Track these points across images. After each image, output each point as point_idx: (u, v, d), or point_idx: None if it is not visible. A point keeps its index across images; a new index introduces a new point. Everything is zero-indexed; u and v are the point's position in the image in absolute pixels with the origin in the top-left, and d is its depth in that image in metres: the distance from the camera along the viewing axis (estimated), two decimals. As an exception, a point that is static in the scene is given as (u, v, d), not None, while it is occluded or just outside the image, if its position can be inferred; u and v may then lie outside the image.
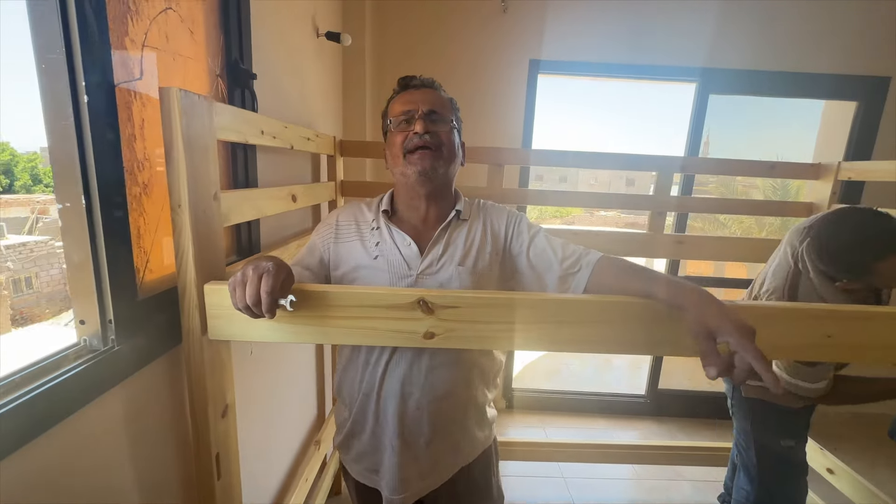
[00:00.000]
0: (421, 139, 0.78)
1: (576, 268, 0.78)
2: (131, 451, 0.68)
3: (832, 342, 0.74)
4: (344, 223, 0.87)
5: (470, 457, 0.88)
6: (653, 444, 1.94)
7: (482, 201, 0.92)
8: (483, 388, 0.88)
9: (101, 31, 0.57)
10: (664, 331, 0.73)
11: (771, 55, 2.07)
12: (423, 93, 0.84)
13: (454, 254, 0.81)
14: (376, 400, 0.82)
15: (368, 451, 0.85)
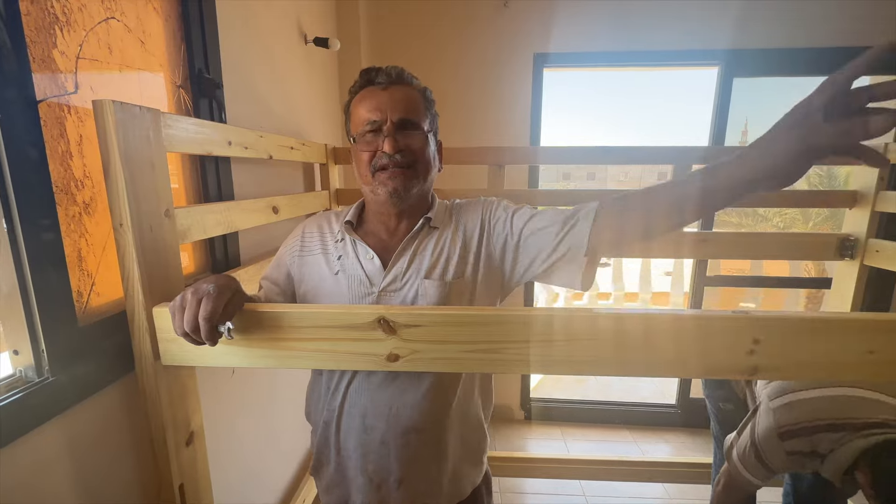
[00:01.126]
0: (391, 160, 0.69)
1: (573, 220, 0.65)
2: (81, 482, 0.65)
3: (876, 358, 0.61)
4: (309, 235, 0.79)
5: (457, 497, 0.78)
6: (685, 461, 1.78)
7: (456, 202, 0.81)
8: (467, 420, 0.78)
9: (15, 45, 0.53)
10: (664, 348, 0.63)
11: (801, 30, 1.88)
12: (390, 93, 0.71)
13: (420, 266, 0.71)
14: (335, 431, 0.74)
15: (335, 483, 0.77)
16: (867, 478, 0.93)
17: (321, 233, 0.79)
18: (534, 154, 1.62)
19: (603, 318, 0.64)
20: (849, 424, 0.97)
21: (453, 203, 0.81)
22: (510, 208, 0.74)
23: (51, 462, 0.60)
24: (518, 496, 1.84)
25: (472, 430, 0.78)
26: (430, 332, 0.64)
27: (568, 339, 0.64)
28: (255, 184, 1.14)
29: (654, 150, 1.53)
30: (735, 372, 0.64)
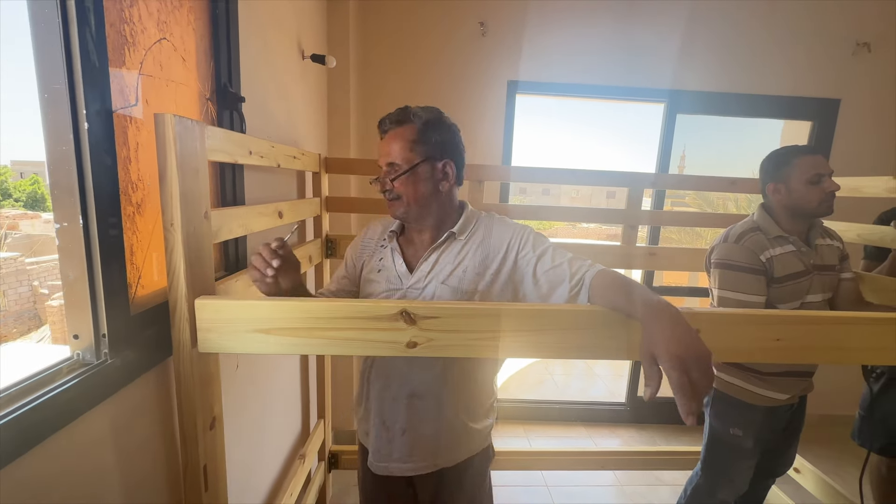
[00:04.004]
0: (386, 195, 0.89)
1: (579, 286, 0.82)
2: (122, 462, 0.70)
3: (782, 345, 0.81)
4: (370, 235, 1.00)
5: (452, 459, 0.93)
6: (633, 450, 2.00)
7: (493, 216, 0.95)
8: (468, 388, 0.93)
9: (101, 62, 0.61)
10: (624, 337, 0.79)
11: (732, 78, 2.22)
12: (386, 142, 0.90)
13: (440, 272, 0.87)
14: (367, 385, 0.95)
15: (363, 419, 0.99)
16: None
17: (376, 237, 0.98)
18: (512, 172, 1.79)
19: (584, 312, 0.80)
20: None
21: (487, 217, 0.96)
22: (538, 248, 0.87)
23: (105, 440, 0.65)
24: (486, 489, 1.97)
25: (474, 395, 0.94)
26: (445, 323, 0.77)
27: (558, 329, 0.78)
28: (259, 190, 1.21)
29: (610, 174, 1.75)
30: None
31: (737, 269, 1.27)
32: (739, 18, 2.15)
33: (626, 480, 2.06)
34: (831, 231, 1.37)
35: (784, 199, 1.28)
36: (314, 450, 1.64)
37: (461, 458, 0.95)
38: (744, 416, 1.35)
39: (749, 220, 1.34)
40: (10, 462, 0.51)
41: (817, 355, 0.82)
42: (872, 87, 2.22)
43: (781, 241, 1.27)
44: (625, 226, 1.75)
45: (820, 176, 1.22)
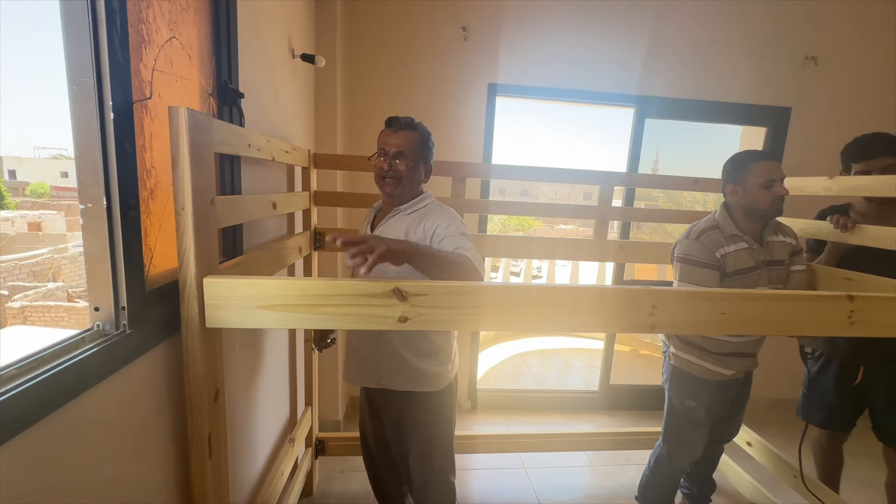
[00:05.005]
0: (386, 174, 1.16)
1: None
2: (138, 424, 0.76)
3: (725, 318, 0.93)
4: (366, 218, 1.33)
5: (397, 385, 1.22)
6: (604, 432, 2.13)
7: (440, 206, 1.22)
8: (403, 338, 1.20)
9: (124, 58, 0.67)
10: (593, 312, 0.90)
11: (695, 86, 2.39)
12: (398, 136, 1.16)
13: (388, 234, 1.15)
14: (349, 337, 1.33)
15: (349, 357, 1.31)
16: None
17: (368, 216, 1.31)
18: (492, 170, 1.89)
19: (559, 290, 0.90)
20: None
21: (437, 205, 1.21)
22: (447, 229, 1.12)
23: (125, 403, 0.72)
24: (467, 472, 2.07)
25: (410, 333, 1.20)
26: (433, 300, 0.86)
27: (531, 306, 0.88)
28: (253, 182, 1.27)
29: (582, 172, 1.87)
30: (640, 327, 0.93)
31: (694, 264, 1.41)
32: (701, 32, 2.32)
33: (599, 461, 2.19)
34: (786, 228, 1.52)
35: (741, 199, 1.42)
36: (302, 435, 1.70)
37: (406, 388, 1.22)
38: (697, 389, 1.50)
39: (711, 217, 1.48)
40: (48, 415, 0.57)
41: (753, 327, 0.95)
42: (819, 97, 2.43)
43: (736, 240, 1.41)
44: (597, 221, 1.88)
45: (772, 181, 1.37)
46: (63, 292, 7.66)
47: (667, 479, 1.65)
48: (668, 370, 1.59)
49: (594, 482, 2.07)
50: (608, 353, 2.66)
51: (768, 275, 1.43)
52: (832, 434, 1.68)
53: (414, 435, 1.27)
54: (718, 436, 1.66)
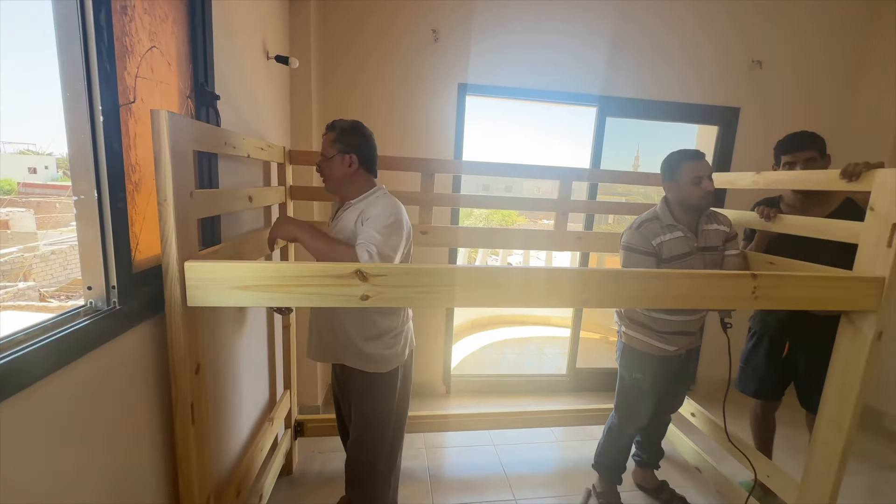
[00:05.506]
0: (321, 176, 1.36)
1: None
2: (128, 391, 0.86)
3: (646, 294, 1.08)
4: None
5: (350, 361, 1.36)
6: (568, 409, 2.29)
7: (387, 198, 1.32)
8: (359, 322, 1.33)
9: (111, 67, 0.77)
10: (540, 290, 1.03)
11: (653, 87, 2.55)
12: (322, 142, 1.34)
13: (339, 228, 1.31)
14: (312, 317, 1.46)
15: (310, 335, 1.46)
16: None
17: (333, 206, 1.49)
18: (458, 166, 2.01)
19: (501, 270, 1.03)
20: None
21: (383, 197, 1.32)
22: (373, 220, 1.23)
23: (114, 369, 0.82)
24: (440, 450, 2.21)
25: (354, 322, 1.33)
26: (391, 280, 0.98)
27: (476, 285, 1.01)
28: (230, 177, 1.37)
29: (543, 168, 2.01)
30: (573, 302, 1.07)
31: (633, 251, 1.57)
32: (657, 36, 2.48)
33: (563, 437, 2.35)
34: (721, 217, 1.68)
35: (676, 195, 1.58)
36: (281, 416, 1.80)
37: (357, 367, 1.35)
38: (644, 364, 1.66)
39: (653, 210, 1.64)
40: (49, 374, 0.67)
41: (670, 301, 1.10)
42: (764, 98, 2.62)
43: (672, 229, 1.57)
44: (557, 213, 2.03)
45: (700, 178, 1.53)
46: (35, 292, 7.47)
47: (618, 446, 1.82)
48: (620, 348, 1.75)
49: (558, 455, 2.23)
50: (574, 338, 2.83)
51: (703, 259, 1.59)
52: (765, 403, 1.87)
53: (356, 408, 1.41)
54: (665, 407, 1.84)
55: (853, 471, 2.16)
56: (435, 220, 1.93)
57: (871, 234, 1.21)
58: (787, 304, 1.17)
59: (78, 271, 2.29)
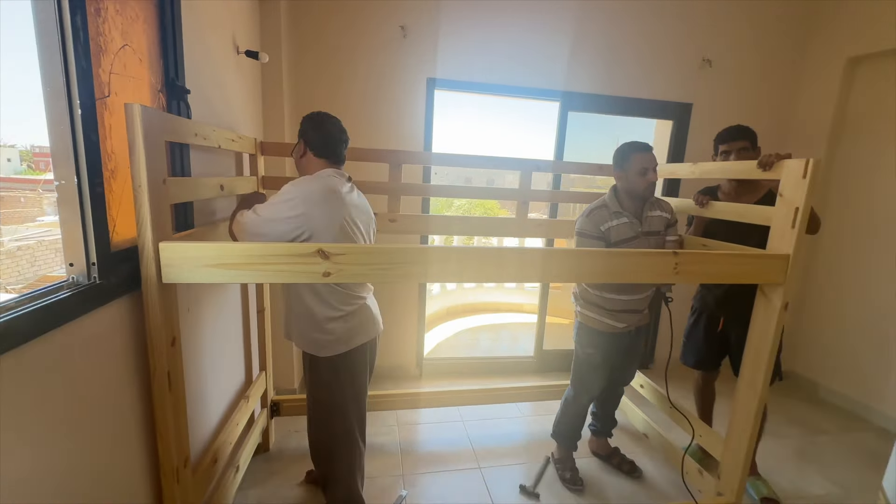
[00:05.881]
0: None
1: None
2: (109, 358, 0.95)
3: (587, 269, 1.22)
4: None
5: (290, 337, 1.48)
6: (531, 385, 2.45)
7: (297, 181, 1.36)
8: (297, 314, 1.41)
9: (87, 65, 0.85)
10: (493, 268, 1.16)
11: (612, 83, 2.70)
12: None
13: None
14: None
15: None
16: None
17: None
18: (423, 157, 2.12)
19: (445, 249, 1.15)
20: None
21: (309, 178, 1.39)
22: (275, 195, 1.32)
23: (97, 337, 0.91)
24: (411, 426, 2.34)
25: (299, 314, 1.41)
26: (350, 258, 1.09)
27: (428, 262, 1.13)
28: (203, 166, 1.45)
29: (505, 159, 2.14)
30: (534, 278, 1.20)
31: (585, 237, 1.71)
32: (615, 35, 2.62)
33: (527, 412, 2.51)
34: (664, 204, 1.84)
35: (624, 184, 1.73)
36: (257, 394, 1.90)
37: (301, 347, 1.45)
38: (596, 340, 1.82)
39: (602, 199, 1.78)
40: (35, 338, 0.76)
41: (607, 276, 1.25)
42: (714, 94, 2.81)
43: (618, 216, 1.72)
44: (518, 202, 2.16)
45: (646, 169, 1.68)
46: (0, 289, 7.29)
47: (573, 416, 1.98)
48: (576, 326, 1.91)
49: (523, 429, 2.38)
50: (541, 322, 2.99)
51: (647, 243, 1.75)
52: (705, 374, 2.06)
53: (306, 388, 1.51)
54: (617, 380, 2.01)
55: (787, 435, 2.39)
56: (408, 210, 2.03)
57: (780, 217, 1.38)
58: (705, 278, 1.33)
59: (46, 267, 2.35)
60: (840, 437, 2.38)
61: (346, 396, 1.47)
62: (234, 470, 1.62)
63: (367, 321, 1.49)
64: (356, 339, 1.44)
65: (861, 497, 1.93)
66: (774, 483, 1.96)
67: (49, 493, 0.81)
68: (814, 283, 2.92)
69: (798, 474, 2.07)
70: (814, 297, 2.92)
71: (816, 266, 2.90)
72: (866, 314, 2.61)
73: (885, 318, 2.50)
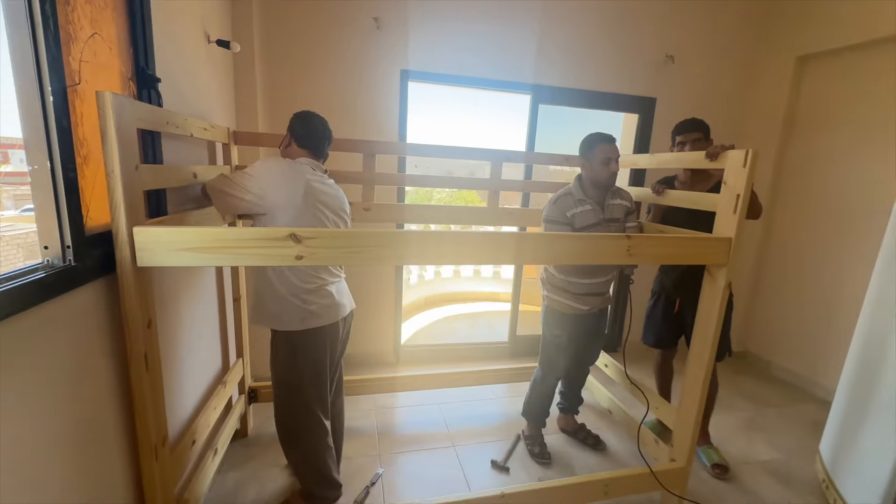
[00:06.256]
0: None
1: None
2: (85, 337, 0.99)
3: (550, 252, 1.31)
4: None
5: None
6: (503, 367, 2.55)
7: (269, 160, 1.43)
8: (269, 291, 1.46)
9: (58, 53, 0.87)
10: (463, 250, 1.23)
11: (581, 77, 2.80)
12: None
13: None
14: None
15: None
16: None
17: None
18: (397, 147, 2.17)
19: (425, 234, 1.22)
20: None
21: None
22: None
23: (77, 314, 0.94)
24: (388, 410, 2.41)
25: (261, 293, 1.48)
26: (321, 242, 1.14)
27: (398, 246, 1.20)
28: (175, 154, 1.46)
29: (476, 150, 2.20)
30: (511, 259, 1.28)
31: (552, 222, 1.81)
32: (583, 29, 2.72)
33: (501, 394, 2.62)
34: (624, 193, 1.95)
35: (588, 172, 1.83)
36: (234, 381, 1.93)
37: (268, 325, 1.50)
38: (562, 322, 1.92)
39: (567, 187, 1.88)
40: (17, 313, 0.79)
41: (569, 258, 1.33)
42: (677, 90, 2.94)
43: (582, 203, 1.82)
44: (489, 191, 2.24)
45: (609, 159, 1.78)
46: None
47: (542, 395, 2.09)
48: (544, 310, 2.01)
49: (496, 410, 2.49)
50: (514, 309, 3.10)
51: (608, 229, 1.86)
52: (663, 352, 2.19)
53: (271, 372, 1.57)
54: (583, 359, 2.12)
55: (738, 408, 2.57)
56: (383, 200, 2.08)
57: (724, 203, 1.49)
58: (656, 259, 1.44)
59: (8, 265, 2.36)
60: (786, 409, 2.58)
61: (304, 376, 1.51)
62: (212, 452, 1.66)
63: (330, 305, 1.51)
64: (313, 320, 1.47)
65: (801, 460, 2.11)
66: (725, 451, 2.12)
67: (26, 471, 0.84)
68: (767, 269, 3.11)
69: (747, 443, 2.24)
70: (767, 283, 3.12)
71: (770, 254, 3.09)
72: (814, 298, 2.81)
73: (831, 301, 2.70)
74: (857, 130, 2.57)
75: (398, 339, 2.95)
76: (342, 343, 1.66)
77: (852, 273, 2.56)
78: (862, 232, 2.52)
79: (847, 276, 2.60)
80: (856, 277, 2.50)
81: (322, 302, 1.49)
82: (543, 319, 2.01)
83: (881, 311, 1.69)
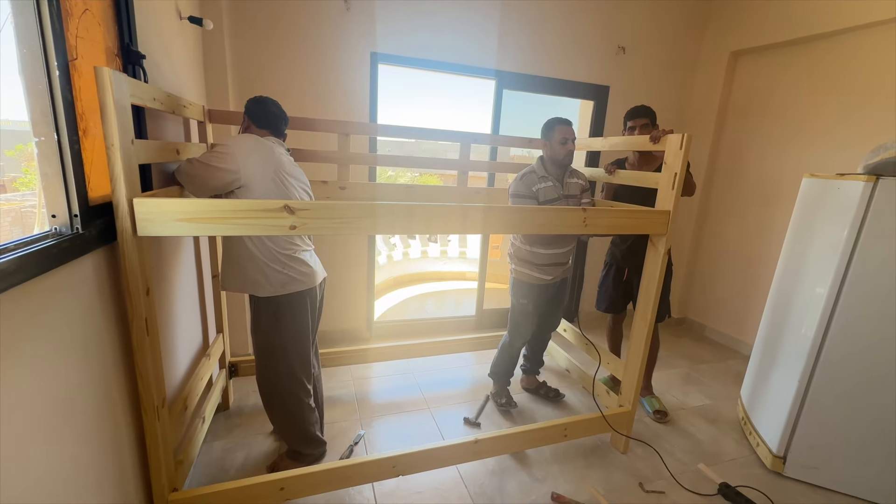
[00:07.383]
0: None
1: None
2: (93, 303, 1.05)
3: (511, 221, 1.47)
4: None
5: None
6: (472, 337, 2.74)
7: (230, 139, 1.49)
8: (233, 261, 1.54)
9: (60, 28, 0.91)
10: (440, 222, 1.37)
11: (541, 65, 2.97)
12: None
13: None
14: None
15: None
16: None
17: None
18: (370, 128, 2.25)
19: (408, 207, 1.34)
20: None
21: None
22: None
23: (81, 283, 1.00)
24: (365, 380, 2.54)
25: (233, 261, 1.54)
26: (313, 213, 1.24)
27: (381, 216, 1.32)
28: (155, 131, 1.49)
29: (445, 132, 2.33)
30: (476, 230, 1.43)
31: (519, 197, 1.98)
32: (542, 18, 2.87)
33: (471, 362, 2.82)
34: (579, 172, 2.15)
35: (549, 152, 2.01)
36: (216, 354, 1.99)
37: (250, 292, 1.57)
38: (527, 291, 2.12)
39: (530, 166, 2.06)
40: (30, 279, 0.85)
41: (528, 228, 1.51)
42: (628, 79, 3.19)
43: (544, 180, 2.00)
44: (458, 172, 2.38)
45: (566, 139, 1.96)
46: None
47: (508, 358, 2.29)
48: (511, 282, 2.19)
49: (466, 376, 2.68)
50: (481, 283, 3.29)
51: (566, 203, 2.06)
52: (614, 316, 2.46)
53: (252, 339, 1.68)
54: (545, 325, 2.35)
55: (677, 366, 2.91)
56: (356, 179, 2.17)
57: (664, 181, 1.72)
58: (608, 229, 1.64)
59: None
60: (716, 365, 2.96)
61: (286, 339, 1.61)
62: (200, 420, 1.73)
63: (307, 272, 1.61)
64: (294, 284, 1.58)
65: (726, 405, 2.46)
66: (665, 400, 2.44)
67: (40, 432, 0.90)
68: (704, 244, 3.49)
69: (682, 393, 2.57)
70: (703, 256, 3.49)
71: (706, 230, 3.46)
72: (741, 267, 3.20)
73: (754, 270, 3.09)
74: (778, 119, 2.92)
75: (371, 315, 3.06)
76: (319, 308, 1.78)
77: (770, 245, 2.94)
78: (780, 209, 2.90)
79: (766, 248, 2.99)
80: (774, 248, 2.88)
81: (300, 268, 1.60)
82: (511, 290, 2.20)
83: (788, 277, 2.01)
